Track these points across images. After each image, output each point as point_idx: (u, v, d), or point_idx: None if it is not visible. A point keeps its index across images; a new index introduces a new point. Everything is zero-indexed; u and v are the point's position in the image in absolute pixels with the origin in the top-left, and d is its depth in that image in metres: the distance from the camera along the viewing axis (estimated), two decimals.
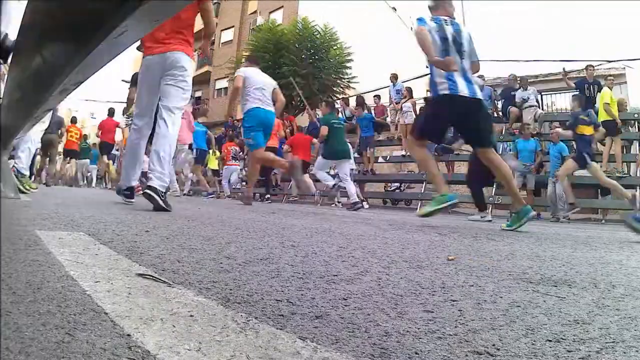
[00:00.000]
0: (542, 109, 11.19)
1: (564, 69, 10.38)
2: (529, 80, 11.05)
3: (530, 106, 9.90)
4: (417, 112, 11.83)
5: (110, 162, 15.43)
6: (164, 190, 3.63)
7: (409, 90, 11.71)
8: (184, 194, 10.33)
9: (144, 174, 4.86)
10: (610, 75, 9.96)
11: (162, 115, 3.94)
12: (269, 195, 9.81)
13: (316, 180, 9.60)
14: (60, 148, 15.38)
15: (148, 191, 3.55)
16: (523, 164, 8.84)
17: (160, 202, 3.51)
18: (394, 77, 12.48)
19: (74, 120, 16.38)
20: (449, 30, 3.95)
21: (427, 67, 4.07)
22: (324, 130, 8.65)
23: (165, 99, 3.99)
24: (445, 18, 4.03)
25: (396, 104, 11.97)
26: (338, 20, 18.76)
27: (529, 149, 9.14)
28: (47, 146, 12.22)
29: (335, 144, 8.68)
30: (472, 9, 17.78)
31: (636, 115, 9.73)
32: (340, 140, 8.85)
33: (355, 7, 23.12)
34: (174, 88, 3.99)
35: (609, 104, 8.60)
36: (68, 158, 16.96)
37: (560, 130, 8.92)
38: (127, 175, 4.36)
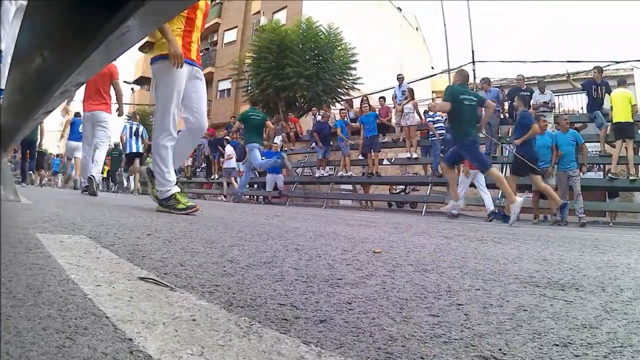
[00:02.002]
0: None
1: (567, 70, 10.31)
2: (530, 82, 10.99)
3: (545, 110, 9.77)
4: (420, 113, 11.80)
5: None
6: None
7: (411, 91, 11.63)
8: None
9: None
10: (627, 76, 9.83)
11: (97, 146, 7.48)
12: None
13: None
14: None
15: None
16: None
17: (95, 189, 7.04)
18: (401, 78, 12.38)
19: None
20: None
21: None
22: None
23: (97, 138, 7.46)
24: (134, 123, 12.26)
25: (398, 105, 11.90)
26: (342, 21, 18.70)
27: (545, 144, 8.29)
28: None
29: None
30: (479, 9, 17.82)
31: None
32: None
33: (360, 7, 23.13)
34: (101, 131, 7.43)
35: (636, 105, 8.40)
36: None
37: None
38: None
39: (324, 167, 12.55)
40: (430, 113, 10.75)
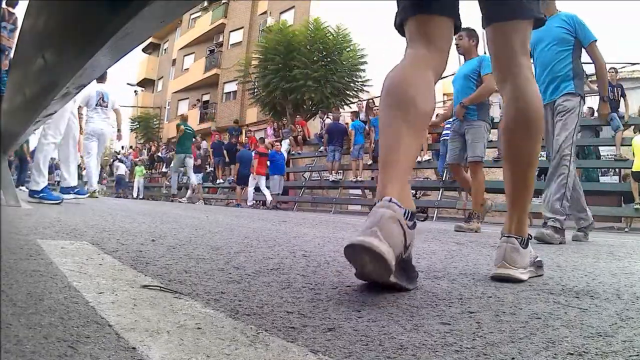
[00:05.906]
0: None
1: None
2: None
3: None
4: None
5: None
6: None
7: None
8: None
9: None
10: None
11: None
12: None
13: None
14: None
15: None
16: None
17: None
18: None
19: None
20: None
21: None
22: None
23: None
24: None
25: None
26: (351, 21, 18.50)
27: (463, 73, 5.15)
28: None
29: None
30: None
31: None
32: None
33: (369, 7, 23.03)
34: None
35: None
36: None
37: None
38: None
39: (336, 170, 12.43)
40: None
